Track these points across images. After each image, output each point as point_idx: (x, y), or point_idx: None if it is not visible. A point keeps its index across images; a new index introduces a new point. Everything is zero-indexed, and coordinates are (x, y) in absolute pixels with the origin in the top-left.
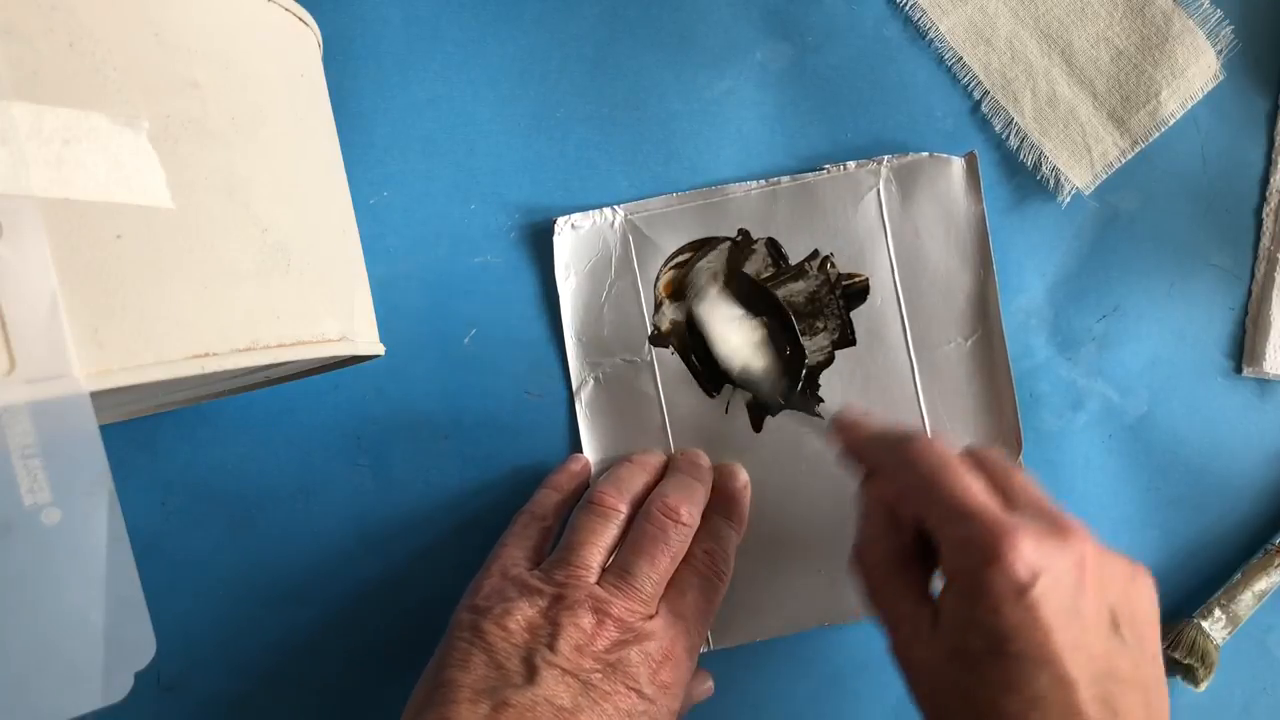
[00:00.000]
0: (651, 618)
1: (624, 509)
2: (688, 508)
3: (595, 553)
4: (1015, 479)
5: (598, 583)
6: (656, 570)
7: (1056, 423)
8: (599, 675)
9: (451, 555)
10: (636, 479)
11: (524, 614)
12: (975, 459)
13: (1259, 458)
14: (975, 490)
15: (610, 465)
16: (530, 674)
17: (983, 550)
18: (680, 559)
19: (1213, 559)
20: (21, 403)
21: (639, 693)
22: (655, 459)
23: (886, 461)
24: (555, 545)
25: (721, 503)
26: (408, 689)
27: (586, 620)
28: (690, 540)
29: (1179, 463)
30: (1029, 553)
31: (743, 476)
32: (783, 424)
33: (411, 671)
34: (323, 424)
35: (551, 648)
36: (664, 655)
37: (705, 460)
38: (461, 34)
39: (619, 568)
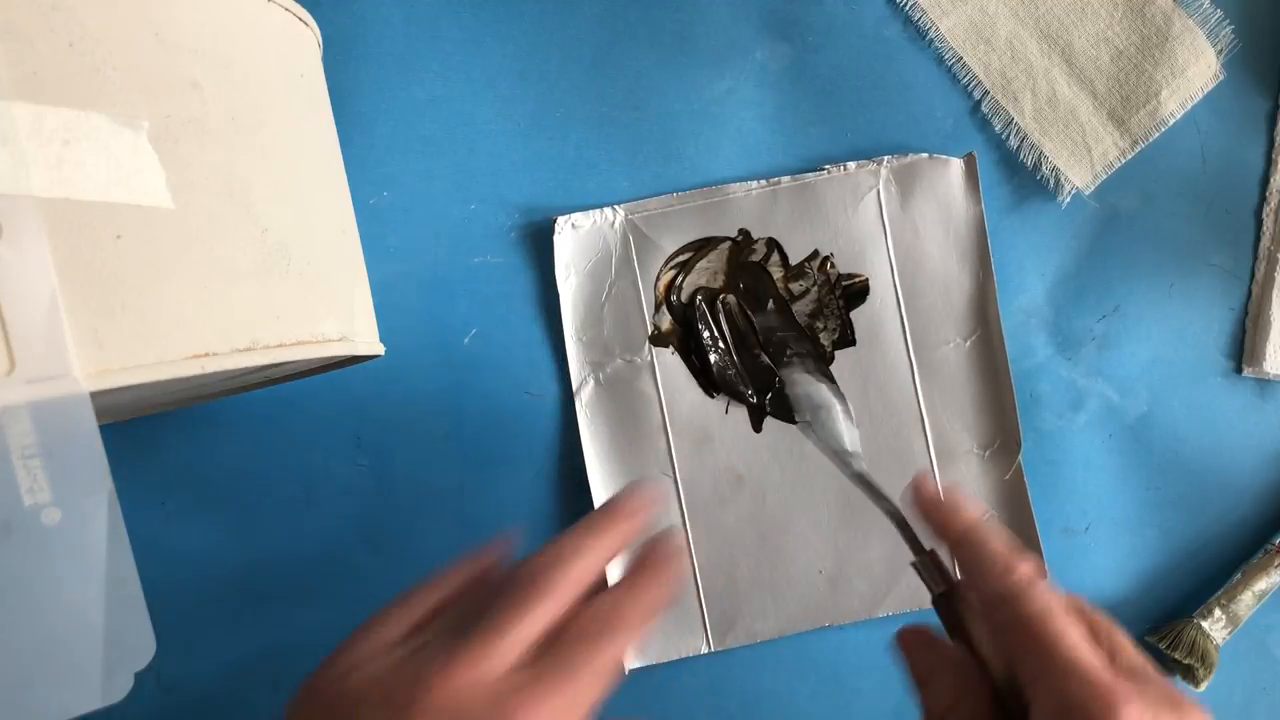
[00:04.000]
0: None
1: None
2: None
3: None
4: (1119, 638)
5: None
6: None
7: (1056, 423)
8: None
9: (451, 555)
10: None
11: None
12: (1077, 610)
13: (1259, 458)
14: (1083, 645)
15: (614, 462)
16: None
17: (1088, 716)
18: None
19: (1213, 559)
20: (21, 403)
21: None
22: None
23: (982, 585)
24: None
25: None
26: None
27: None
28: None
29: (1179, 463)
30: None
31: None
32: (783, 424)
33: None
34: (323, 424)
35: None
36: None
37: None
38: (461, 34)
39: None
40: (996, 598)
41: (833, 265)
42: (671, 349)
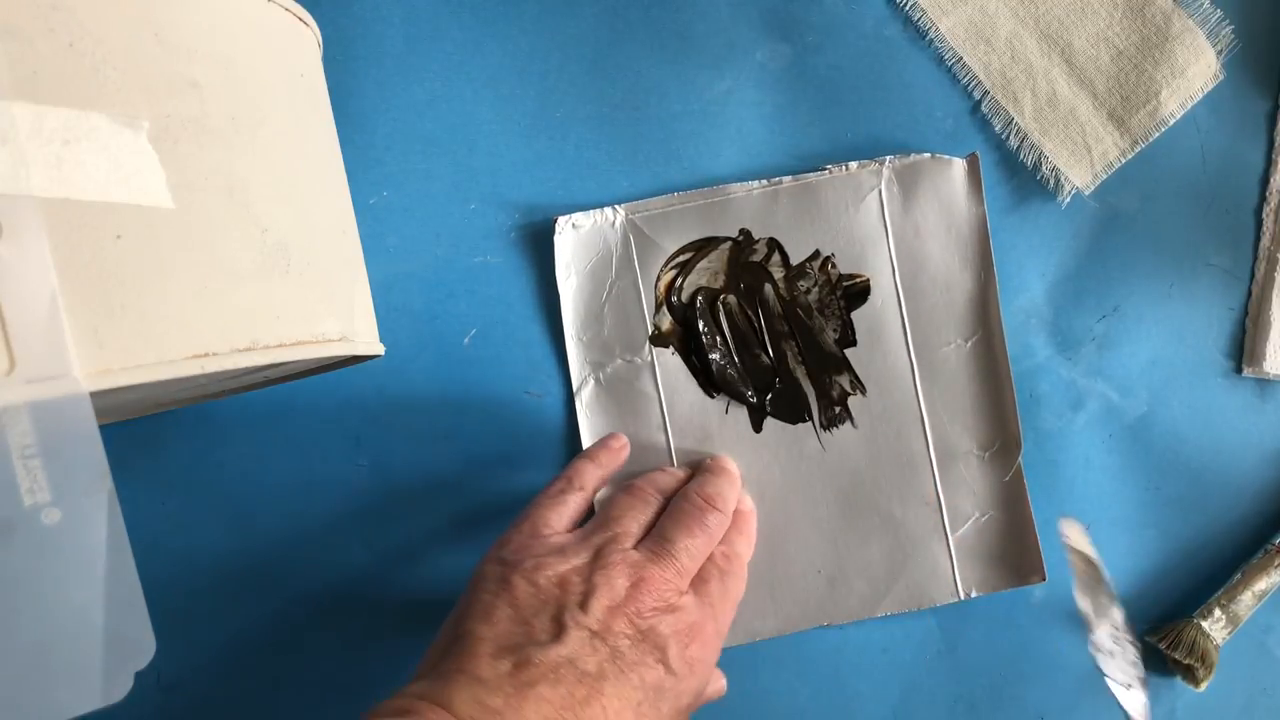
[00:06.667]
0: (683, 594)
1: (661, 497)
2: (722, 501)
3: (634, 524)
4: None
5: (634, 548)
6: (694, 544)
7: (1056, 423)
8: (628, 642)
9: (451, 555)
10: (669, 480)
11: (556, 570)
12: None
13: (1259, 458)
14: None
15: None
16: (558, 632)
17: None
18: (714, 546)
19: (1213, 559)
20: (21, 403)
21: (666, 665)
22: (684, 474)
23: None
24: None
25: (731, 522)
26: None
27: (621, 583)
28: (723, 530)
29: (1179, 463)
30: None
31: (749, 501)
32: (783, 424)
33: (411, 669)
34: (323, 424)
35: (584, 607)
36: (694, 630)
37: (735, 468)
38: (461, 34)
39: (658, 536)
40: None
41: (834, 265)
42: (672, 349)
